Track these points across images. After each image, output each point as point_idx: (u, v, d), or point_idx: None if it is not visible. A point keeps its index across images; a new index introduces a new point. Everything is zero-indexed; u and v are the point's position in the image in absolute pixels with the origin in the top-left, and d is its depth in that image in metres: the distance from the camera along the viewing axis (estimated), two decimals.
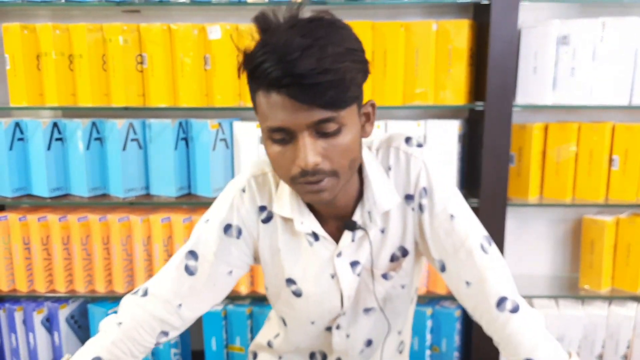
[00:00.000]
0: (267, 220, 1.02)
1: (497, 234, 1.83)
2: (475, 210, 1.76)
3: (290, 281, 1.03)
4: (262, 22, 0.82)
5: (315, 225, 0.98)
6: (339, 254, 1.00)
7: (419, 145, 0.98)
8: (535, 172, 1.93)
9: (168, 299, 0.98)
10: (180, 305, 0.99)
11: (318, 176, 0.83)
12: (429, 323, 1.96)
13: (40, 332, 2.01)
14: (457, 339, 1.98)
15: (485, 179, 1.82)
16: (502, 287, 0.93)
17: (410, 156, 0.96)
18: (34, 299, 2.03)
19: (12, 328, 2.02)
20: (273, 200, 1.00)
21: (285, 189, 0.98)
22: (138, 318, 0.97)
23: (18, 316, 2.01)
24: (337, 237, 1.00)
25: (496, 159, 1.80)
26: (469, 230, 0.95)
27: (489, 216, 1.81)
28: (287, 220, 1.00)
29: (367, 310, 1.05)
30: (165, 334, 1.00)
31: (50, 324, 2.02)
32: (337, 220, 0.99)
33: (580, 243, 2.02)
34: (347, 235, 0.98)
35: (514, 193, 1.95)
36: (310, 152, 0.81)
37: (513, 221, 2.09)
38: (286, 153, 0.84)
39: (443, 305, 1.99)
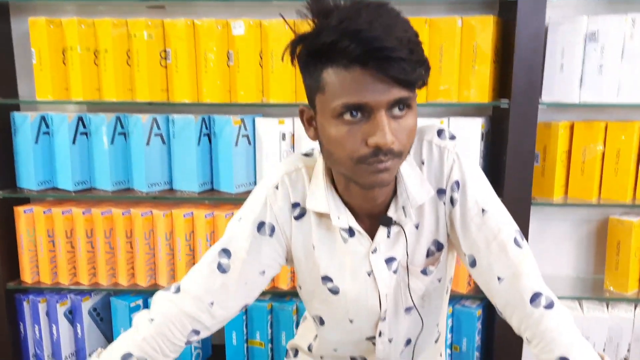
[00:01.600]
0: (299, 217, 1.00)
1: None
2: None
3: (326, 279, 1.02)
4: (321, 7, 0.81)
5: (351, 220, 0.96)
6: (375, 250, 0.98)
7: (452, 138, 0.96)
8: (560, 172, 1.90)
9: (200, 296, 0.97)
10: (212, 303, 0.97)
11: (388, 156, 0.81)
12: (449, 322, 1.95)
13: (63, 323, 2.04)
14: (477, 339, 1.96)
15: (509, 177, 1.79)
16: (536, 282, 0.92)
17: (444, 149, 0.95)
18: (58, 291, 2.06)
19: (35, 319, 2.05)
20: (306, 196, 0.98)
21: (319, 184, 0.96)
22: (169, 314, 0.96)
23: (42, 308, 2.03)
24: (372, 235, 0.98)
25: (521, 157, 1.78)
26: (501, 224, 0.94)
27: (512, 215, 1.78)
28: (321, 216, 0.98)
29: (408, 310, 1.04)
30: (197, 332, 0.98)
31: (73, 316, 2.05)
32: (371, 217, 0.97)
33: (605, 244, 1.99)
34: (382, 231, 0.97)
35: (538, 193, 1.92)
36: (388, 130, 0.80)
37: (537, 221, 2.06)
38: (356, 133, 0.81)
39: (464, 304, 1.97)
